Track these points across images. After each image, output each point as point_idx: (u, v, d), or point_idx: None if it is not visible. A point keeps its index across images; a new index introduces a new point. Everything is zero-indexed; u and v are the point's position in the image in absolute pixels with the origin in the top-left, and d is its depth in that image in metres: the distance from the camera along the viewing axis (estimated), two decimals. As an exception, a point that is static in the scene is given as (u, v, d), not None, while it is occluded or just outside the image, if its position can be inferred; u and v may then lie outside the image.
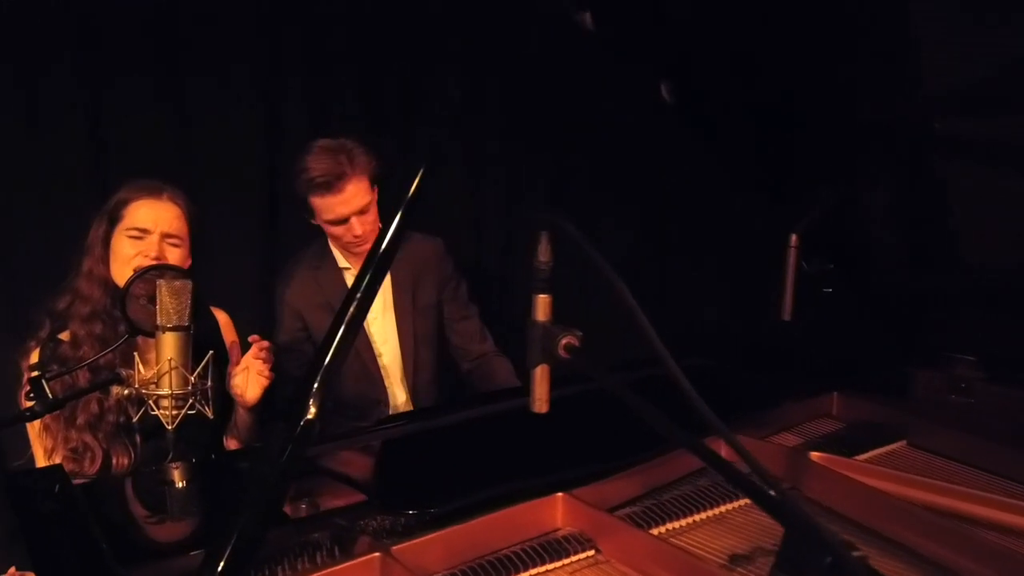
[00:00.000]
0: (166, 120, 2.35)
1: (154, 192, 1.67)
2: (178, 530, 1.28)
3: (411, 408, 2.20)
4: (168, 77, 2.34)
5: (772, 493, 0.71)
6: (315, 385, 0.81)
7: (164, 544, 1.25)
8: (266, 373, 1.61)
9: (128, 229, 1.64)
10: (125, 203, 1.66)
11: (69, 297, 1.66)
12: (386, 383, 2.17)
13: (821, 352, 1.77)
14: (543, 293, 0.86)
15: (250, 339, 1.64)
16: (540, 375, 0.86)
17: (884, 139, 1.43)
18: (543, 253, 0.85)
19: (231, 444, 1.74)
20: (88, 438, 1.60)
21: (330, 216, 1.99)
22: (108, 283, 1.65)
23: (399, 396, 2.20)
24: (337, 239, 2.07)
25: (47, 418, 1.58)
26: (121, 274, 1.61)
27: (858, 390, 1.64)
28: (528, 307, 0.86)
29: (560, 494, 1.22)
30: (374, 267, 0.87)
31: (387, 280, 2.14)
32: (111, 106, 2.27)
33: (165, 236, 1.64)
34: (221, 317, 1.86)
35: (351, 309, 0.84)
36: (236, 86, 2.44)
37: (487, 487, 1.24)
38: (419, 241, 2.19)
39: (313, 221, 2.07)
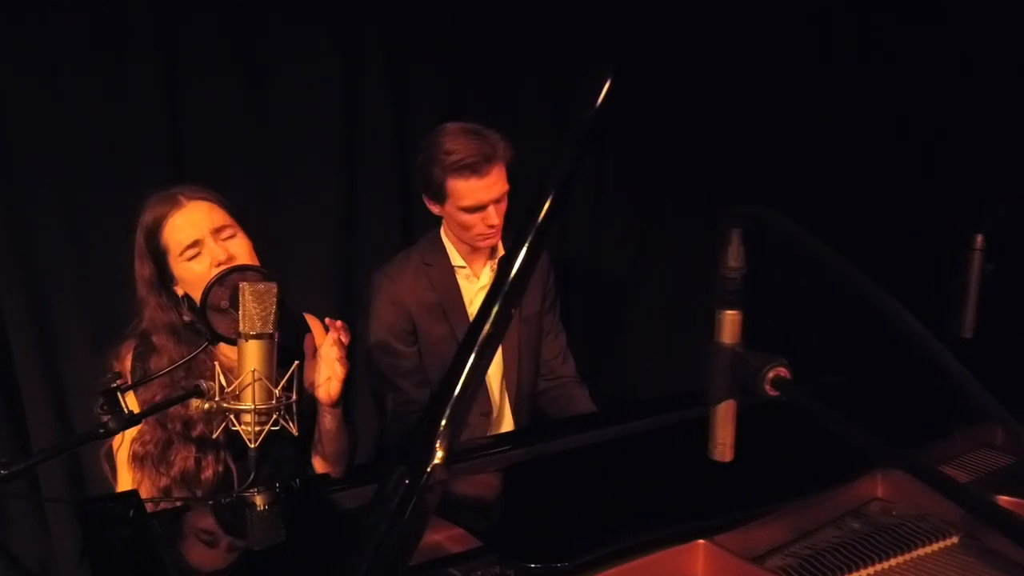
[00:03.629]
0: (240, 117, 2.28)
1: (172, 202, 1.49)
2: (259, 564, 1.15)
3: (512, 423, 2.06)
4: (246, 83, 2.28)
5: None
6: (443, 423, 0.64)
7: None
8: (342, 359, 1.43)
9: (180, 253, 1.47)
10: (156, 230, 1.48)
11: (135, 341, 1.53)
12: (490, 394, 2.02)
13: (980, 369, 1.54)
14: (732, 308, 0.65)
15: (327, 321, 1.46)
16: (724, 414, 0.66)
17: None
18: (733, 257, 0.65)
19: (317, 464, 1.59)
20: (183, 493, 1.47)
21: (469, 202, 1.80)
22: (177, 328, 1.51)
23: (502, 408, 2.06)
24: (467, 230, 1.87)
25: (136, 445, 1.47)
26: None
27: (1032, 417, 1.41)
28: (712, 326, 0.66)
29: (701, 541, 1.06)
30: (511, 283, 0.68)
31: None
32: (187, 112, 2.21)
33: (216, 233, 1.48)
34: (313, 324, 1.70)
35: (486, 327, 0.66)
36: (315, 80, 2.35)
37: (617, 535, 1.06)
38: None
39: (439, 210, 1.89)
